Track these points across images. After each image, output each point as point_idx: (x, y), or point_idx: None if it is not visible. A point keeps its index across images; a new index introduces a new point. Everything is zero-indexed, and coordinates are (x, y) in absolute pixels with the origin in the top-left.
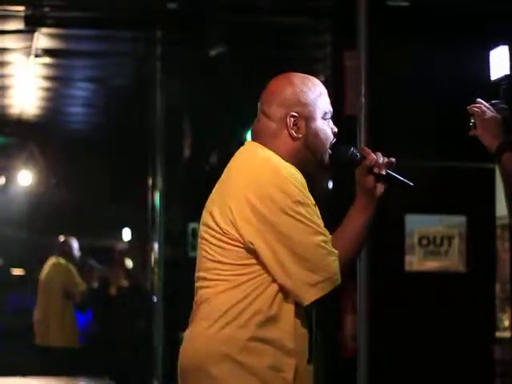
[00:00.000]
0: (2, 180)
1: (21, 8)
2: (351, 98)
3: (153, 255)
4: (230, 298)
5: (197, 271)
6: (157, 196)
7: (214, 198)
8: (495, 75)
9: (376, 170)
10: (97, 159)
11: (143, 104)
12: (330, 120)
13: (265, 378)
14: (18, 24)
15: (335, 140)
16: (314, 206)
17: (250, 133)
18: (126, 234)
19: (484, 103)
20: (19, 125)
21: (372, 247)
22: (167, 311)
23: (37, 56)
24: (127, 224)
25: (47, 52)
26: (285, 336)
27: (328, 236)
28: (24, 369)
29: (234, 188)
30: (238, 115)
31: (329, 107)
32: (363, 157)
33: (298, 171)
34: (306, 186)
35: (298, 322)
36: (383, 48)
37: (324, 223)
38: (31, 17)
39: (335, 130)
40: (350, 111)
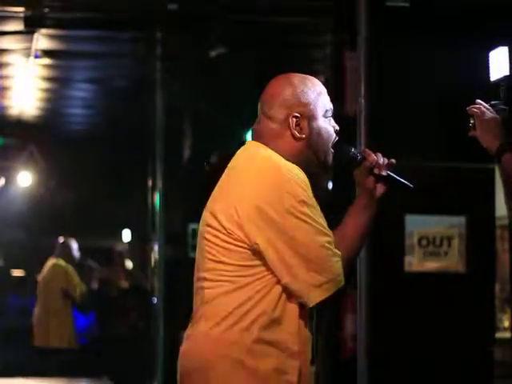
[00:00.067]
0: (2, 181)
1: (20, 9)
2: (351, 99)
3: (153, 256)
4: (234, 300)
5: (197, 271)
6: (157, 197)
7: (217, 198)
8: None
9: (376, 171)
10: (97, 160)
11: (143, 105)
12: (332, 118)
13: (269, 381)
14: (18, 25)
15: (337, 138)
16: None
17: (251, 134)
18: (126, 235)
19: (483, 104)
20: (19, 126)
21: (372, 248)
22: (167, 312)
23: (36, 57)
24: (127, 225)
25: (47, 53)
26: (289, 338)
27: (332, 236)
28: (24, 370)
29: (239, 188)
30: (238, 116)
31: (329, 105)
32: (364, 157)
33: (302, 171)
34: (310, 186)
35: (302, 324)
36: (383, 48)
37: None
38: (31, 18)
39: (337, 128)
40: (350, 111)
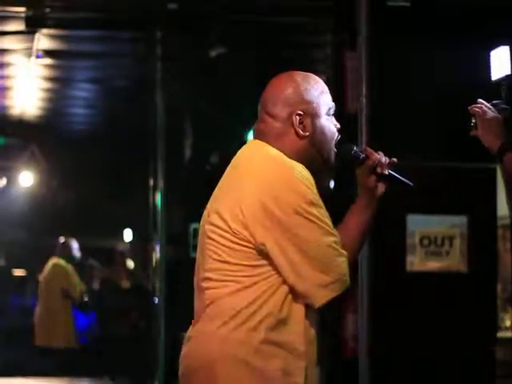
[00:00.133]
0: (4, 181)
1: (21, 9)
2: (352, 98)
3: (154, 255)
4: (241, 300)
5: (200, 271)
6: (158, 196)
7: (220, 198)
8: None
9: (379, 170)
10: (98, 160)
11: (144, 104)
12: (333, 116)
13: (275, 383)
14: (19, 25)
15: (339, 137)
16: None
17: (253, 133)
18: (128, 235)
19: (485, 103)
20: (20, 126)
21: (373, 247)
22: (168, 311)
23: (38, 57)
24: (129, 224)
25: (48, 53)
26: (295, 338)
27: (338, 236)
28: (25, 369)
29: (245, 188)
30: (239, 115)
31: (331, 103)
32: (366, 156)
33: (307, 170)
34: (315, 185)
35: (308, 324)
36: (384, 48)
37: None
38: (32, 18)
39: (338, 126)
40: (351, 111)
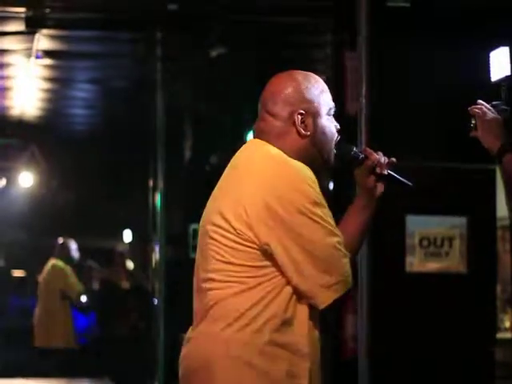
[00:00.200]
0: (3, 181)
1: (21, 9)
2: (352, 99)
3: (154, 256)
4: (245, 301)
5: (201, 272)
6: (158, 197)
7: (222, 198)
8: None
9: (378, 170)
10: (98, 160)
11: (144, 105)
12: (333, 117)
13: None
14: (19, 25)
15: (339, 138)
16: None
17: (253, 132)
18: (127, 236)
19: (485, 104)
20: (20, 126)
21: (373, 248)
22: (168, 312)
23: (38, 57)
24: (128, 225)
25: (48, 53)
26: (299, 340)
27: (341, 237)
28: (25, 370)
29: (248, 187)
30: (239, 116)
31: (332, 103)
32: (365, 156)
33: (310, 169)
34: (318, 185)
35: (311, 325)
36: (383, 48)
37: None
38: (32, 18)
39: (338, 127)
40: (351, 111)
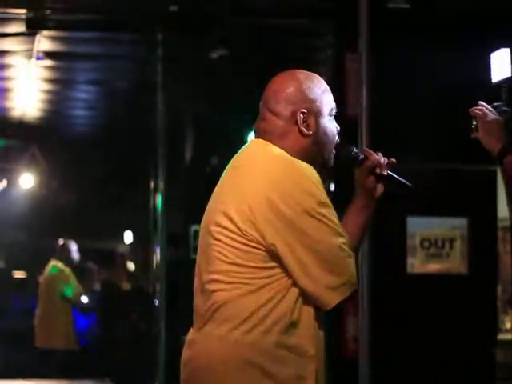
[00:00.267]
0: (4, 183)
1: (22, 11)
2: (352, 100)
3: (154, 257)
4: (253, 302)
5: (204, 273)
6: (158, 198)
7: (226, 198)
8: (496, 77)
9: (378, 171)
10: (98, 162)
11: (145, 106)
12: (334, 118)
13: None
14: (20, 27)
15: (338, 140)
16: None
17: (254, 132)
18: (128, 237)
19: (486, 105)
20: (21, 127)
21: (374, 249)
22: (169, 313)
23: (38, 59)
24: (129, 226)
25: (48, 55)
26: (306, 341)
27: (347, 237)
28: (26, 371)
29: (253, 188)
30: (239, 117)
31: (333, 103)
32: (365, 157)
33: (314, 169)
34: (322, 185)
35: (317, 326)
36: (384, 50)
37: None
38: (32, 19)
39: (339, 129)
40: (352, 113)
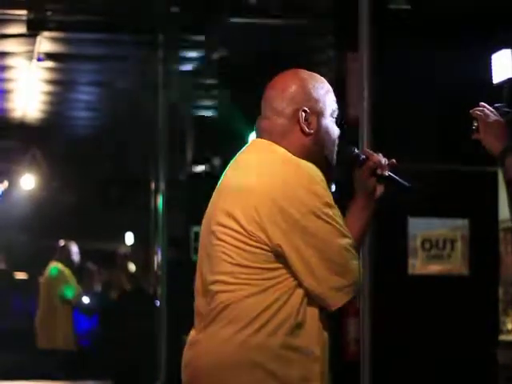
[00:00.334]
0: (5, 184)
1: (23, 12)
2: (353, 101)
3: (156, 259)
4: (258, 304)
5: (208, 274)
6: (159, 200)
7: (228, 198)
8: (497, 78)
9: (379, 171)
10: (99, 163)
11: (145, 107)
12: (335, 120)
13: None
14: (20, 28)
15: (338, 142)
16: None
17: (256, 131)
18: (129, 238)
19: (487, 106)
20: (21, 129)
21: (375, 250)
22: (170, 314)
23: (39, 60)
24: (130, 228)
25: (49, 56)
26: (311, 343)
27: (351, 238)
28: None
29: (258, 188)
30: (241, 118)
31: (335, 105)
32: (367, 158)
33: (318, 169)
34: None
35: (322, 327)
36: (385, 51)
37: None
38: (33, 21)
39: (339, 131)
40: (353, 114)
